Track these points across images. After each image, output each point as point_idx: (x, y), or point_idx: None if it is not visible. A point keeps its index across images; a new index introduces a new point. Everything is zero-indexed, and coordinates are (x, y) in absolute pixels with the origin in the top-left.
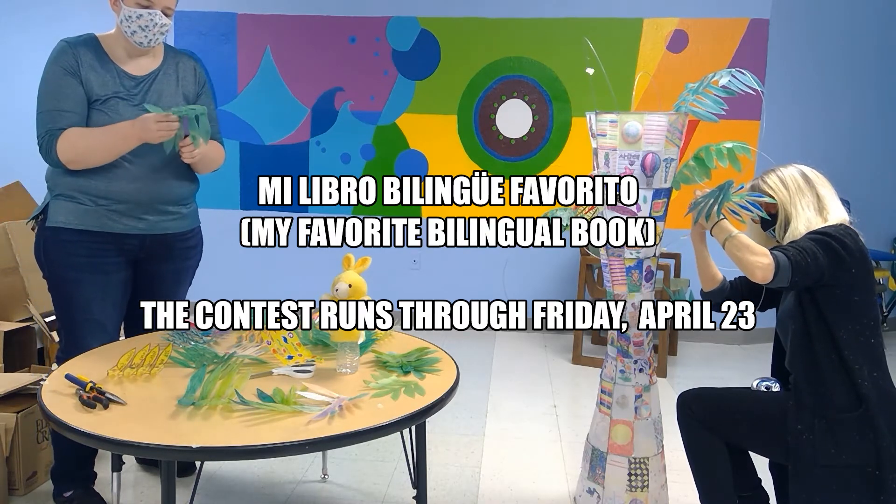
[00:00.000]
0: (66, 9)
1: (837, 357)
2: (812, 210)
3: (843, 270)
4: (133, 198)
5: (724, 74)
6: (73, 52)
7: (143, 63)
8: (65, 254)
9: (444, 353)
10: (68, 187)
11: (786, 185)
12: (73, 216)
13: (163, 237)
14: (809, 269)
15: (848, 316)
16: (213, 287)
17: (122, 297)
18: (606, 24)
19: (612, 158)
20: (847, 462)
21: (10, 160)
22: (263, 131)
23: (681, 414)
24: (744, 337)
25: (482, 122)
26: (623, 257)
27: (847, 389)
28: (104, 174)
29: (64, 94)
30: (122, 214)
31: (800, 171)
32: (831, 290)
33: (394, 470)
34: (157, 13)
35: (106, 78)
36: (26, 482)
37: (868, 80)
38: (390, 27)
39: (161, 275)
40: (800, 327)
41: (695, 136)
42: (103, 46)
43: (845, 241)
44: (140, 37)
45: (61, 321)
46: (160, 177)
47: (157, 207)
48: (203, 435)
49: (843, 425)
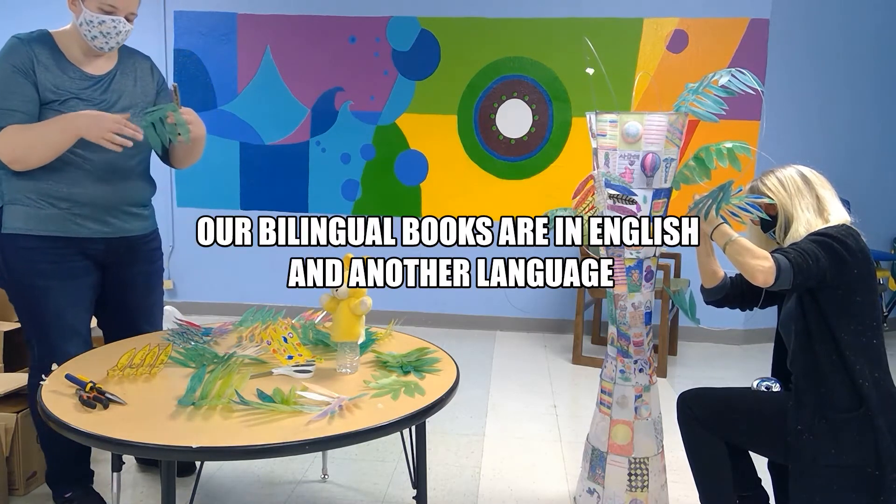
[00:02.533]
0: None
1: (838, 357)
2: (812, 211)
3: (845, 271)
4: (97, 200)
5: (724, 74)
6: (28, 49)
7: (100, 63)
8: (27, 261)
9: (444, 353)
10: (23, 190)
11: (785, 186)
12: (32, 221)
13: (127, 240)
14: (811, 271)
15: (850, 316)
16: (217, 288)
17: (91, 299)
18: (606, 24)
19: (612, 158)
20: (847, 462)
21: None
22: (263, 131)
23: (681, 414)
24: (744, 337)
25: (482, 122)
26: (623, 257)
27: (848, 390)
28: (63, 175)
29: (11, 93)
30: (85, 218)
31: (799, 173)
32: (833, 290)
33: (394, 470)
34: (121, 20)
35: (62, 78)
36: (26, 482)
37: (867, 80)
38: (390, 27)
39: (132, 280)
40: (801, 327)
41: (695, 136)
42: (58, 44)
43: (847, 241)
44: (100, 42)
45: (32, 331)
46: (123, 177)
47: (121, 209)
48: (203, 435)
49: (844, 425)
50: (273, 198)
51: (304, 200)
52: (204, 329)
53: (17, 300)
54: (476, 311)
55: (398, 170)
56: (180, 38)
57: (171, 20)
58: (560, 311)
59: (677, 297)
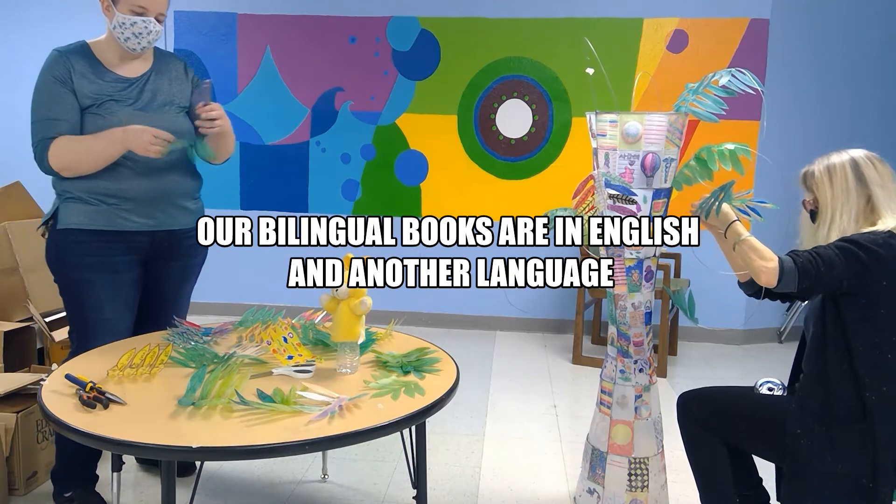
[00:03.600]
0: (63, 8)
1: (849, 367)
2: (852, 217)
3: (869, 281)
4: (141, 194)
5: (724, 74)
6: (65, 60)
7: (135, 66)
8: (76, 255)
9: (444, 353)
10: (76, 189)
11: (833, 182)
12: (83, 217)
13: (171, 233)
14: (821, 278)
15: (868, 327)
16: (217, 288)
17: (133, 297)
18: (606, 24)
19: (612, 158)
20: (843, 471)
21: (10, 160)
22: (263, 131)
23: (681, 414)
24: (744, 337)
25: (482, 122)
26: (623, 257)
27: (853, 401)
28: (110, 174)
29: (55, 103)
30: (130, 212)
31: (853, 166)
32: (854, 298)
33: (394, 470)
34: (151, 21)
35: (99, 83)
36: (26, 482)
37: (868, 80)
38: (390, 27)
39: (168, 272)
40: (818, 331)
41: (695, 136)
42: (95, 53)
43: (879, 251)
44: (133, 43)
45: (74, 323)
46: (165, 172)
47: (165, 202)
48: (203, 435)
49: (844, 436)
50: (273, 198)
51: (304, 200)
52: (204, 329)
53: (64, 294)
54: (476, 311)
55: (398, 170)
56: (180, 37)
57: (172, 20)
58: (560, 311)
59: (677, 297)
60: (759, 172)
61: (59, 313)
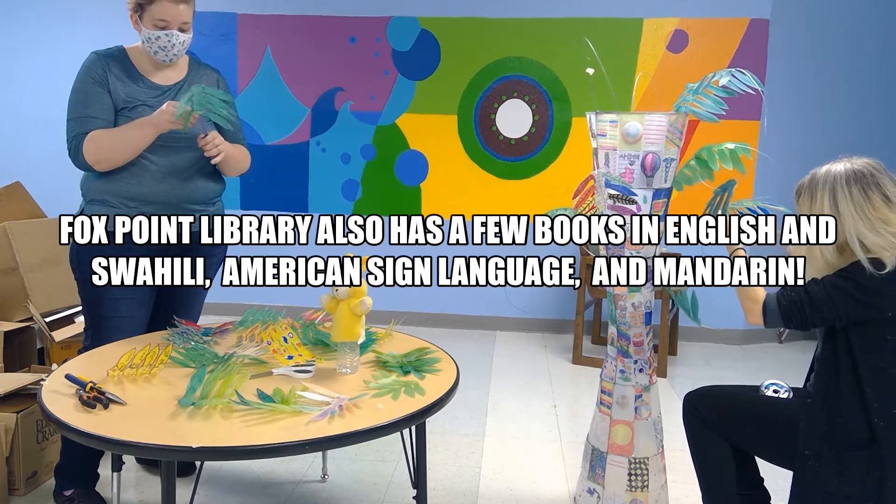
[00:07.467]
0: (65, 9)
1: (859, 391)
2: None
3: (872, 314)
4: (161, 198)
5: (724, 74)
6: (103, 63)
7: (169, 74)
8: None
9: (444, 353)
10: (100, 191)
11: (838, 205)
12: None
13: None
14: (807, 320)
15: (878, 353)
16: (215, 287)
17: (148, 296)
18: (606, 24)
19: (612, 158)
20: (849, 493)
21: (11, 160)
22: (263, 131)
23: (686, 414)
24: (744, 337)
25: (482, 122)
26: None
27: (862, 425)
28: (133, 176)
29: (92, 102)
30: (150, 214)
31: (862, 193)
32: (860, 326)
33: (394, 470)
34: (174, 33)
35: (133, 88)
36: (26, 482)
37: (868, 80)
38: (390, 27)
39: None
40: (829, 352)
41: (695, 136)
42: (131, 59)
43: (879, 286)
44: (161, 55)
45: (89, 320)
46: (187, 176)
47: (184, 207)
48: (203, 435)
49: (852, 460)
50: (273, 198)
51: (305, 200)
52: (204, 329)
53: (82, 292)
54: (476, 311)
55: (398, 170)
56: None
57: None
58: (560, 311)
59: (679, 298)
60: (759, 172)
61: (60, 313)
